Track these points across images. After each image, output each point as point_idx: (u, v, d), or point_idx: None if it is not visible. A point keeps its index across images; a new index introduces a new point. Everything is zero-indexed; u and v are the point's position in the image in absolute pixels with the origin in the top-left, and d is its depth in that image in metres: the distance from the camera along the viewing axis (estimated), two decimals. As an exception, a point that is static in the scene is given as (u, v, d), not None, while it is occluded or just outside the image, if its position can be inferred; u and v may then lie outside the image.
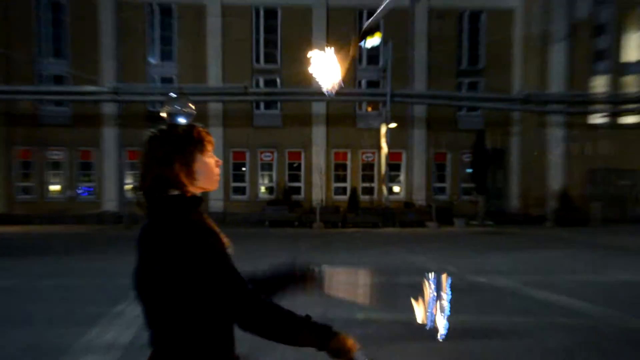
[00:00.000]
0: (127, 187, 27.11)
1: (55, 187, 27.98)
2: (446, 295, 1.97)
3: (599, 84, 28.13)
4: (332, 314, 5.42)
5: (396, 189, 29.21)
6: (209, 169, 1.94)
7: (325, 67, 2.25)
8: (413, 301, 2.01)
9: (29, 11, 26.72)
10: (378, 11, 2.42)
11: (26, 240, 20.36)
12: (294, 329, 1.78)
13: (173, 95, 2.01)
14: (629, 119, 28.30)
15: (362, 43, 2.45)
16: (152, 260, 1.82)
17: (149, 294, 1.85)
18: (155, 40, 27.73)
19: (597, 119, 28.33)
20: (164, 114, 1.95)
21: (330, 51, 2.26)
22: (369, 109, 29.46)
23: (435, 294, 1.98)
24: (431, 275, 2.00)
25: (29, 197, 27.39)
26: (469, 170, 28.14)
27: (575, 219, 25.51)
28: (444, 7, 28.57)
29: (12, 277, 11.70)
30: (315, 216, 25.31)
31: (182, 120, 1.94)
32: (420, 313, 1.98)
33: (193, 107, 1.96)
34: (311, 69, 2.26)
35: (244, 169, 28.67)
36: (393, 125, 26.68)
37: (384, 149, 26.73)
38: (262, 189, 29.16)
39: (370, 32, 2.44)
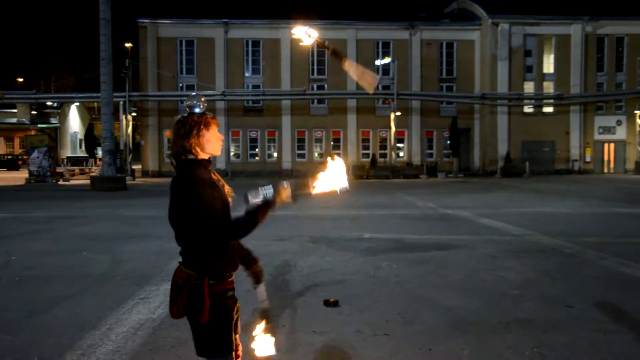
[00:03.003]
0: (232, 154, 33.67)
1: (185, 154, 35.09)
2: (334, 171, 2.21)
3: (528, 87, 34.95)
4: (350, 235, 8.06)
5: (401, 154, 35.07)
6: (214, 142, 2.29)
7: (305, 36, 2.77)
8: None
9: (174, 47, 34.29)
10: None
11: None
12: (254, 221, 2.14)
13: (192, 94, 2.30)
14: (547, 109, 35.39)
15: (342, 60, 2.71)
16: (173, 201, 2.24)
17: (174, 221, 2.26)
18: (249, 61, 34.82)
19: (527, 109, 35.13)
20: (186, 106, 2.24)
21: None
22: (386, 101, 33.81)
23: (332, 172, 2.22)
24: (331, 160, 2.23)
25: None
26: (448, 142, 33.93)
27: (514, 173, 31.67)
28: (430, 38, 35.20)
29: (152, 210, 13.54)
30: (349, 171, 31.82)
31: (197, 110, 2.26)
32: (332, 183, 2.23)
33: (205, 101, 2.24)
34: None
35: (304, 142, 35.20)
36: (398, 113, 32.62)
37: (393, 128, 32.69)
38: (316, 154, 34.90)
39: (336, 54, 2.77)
